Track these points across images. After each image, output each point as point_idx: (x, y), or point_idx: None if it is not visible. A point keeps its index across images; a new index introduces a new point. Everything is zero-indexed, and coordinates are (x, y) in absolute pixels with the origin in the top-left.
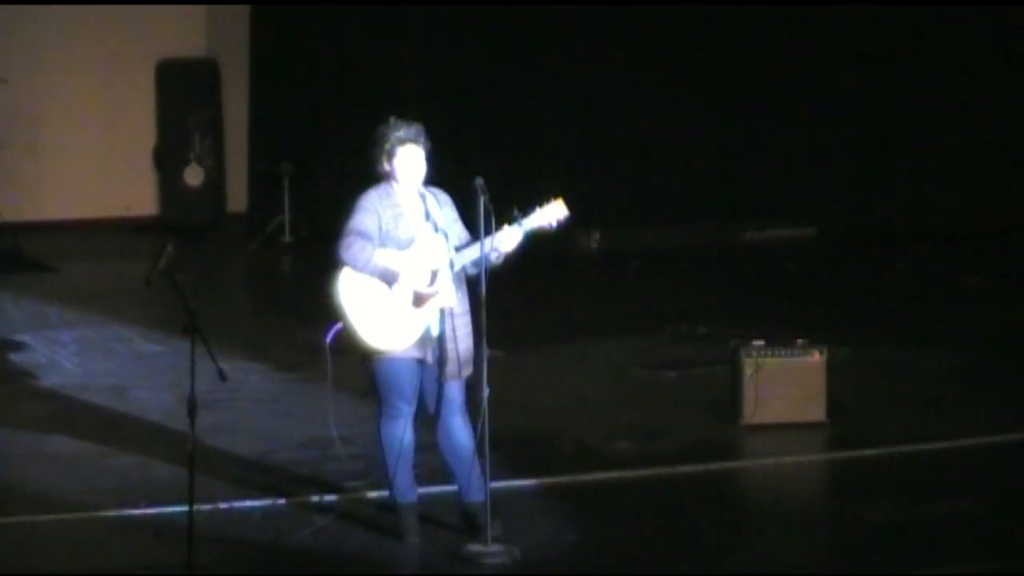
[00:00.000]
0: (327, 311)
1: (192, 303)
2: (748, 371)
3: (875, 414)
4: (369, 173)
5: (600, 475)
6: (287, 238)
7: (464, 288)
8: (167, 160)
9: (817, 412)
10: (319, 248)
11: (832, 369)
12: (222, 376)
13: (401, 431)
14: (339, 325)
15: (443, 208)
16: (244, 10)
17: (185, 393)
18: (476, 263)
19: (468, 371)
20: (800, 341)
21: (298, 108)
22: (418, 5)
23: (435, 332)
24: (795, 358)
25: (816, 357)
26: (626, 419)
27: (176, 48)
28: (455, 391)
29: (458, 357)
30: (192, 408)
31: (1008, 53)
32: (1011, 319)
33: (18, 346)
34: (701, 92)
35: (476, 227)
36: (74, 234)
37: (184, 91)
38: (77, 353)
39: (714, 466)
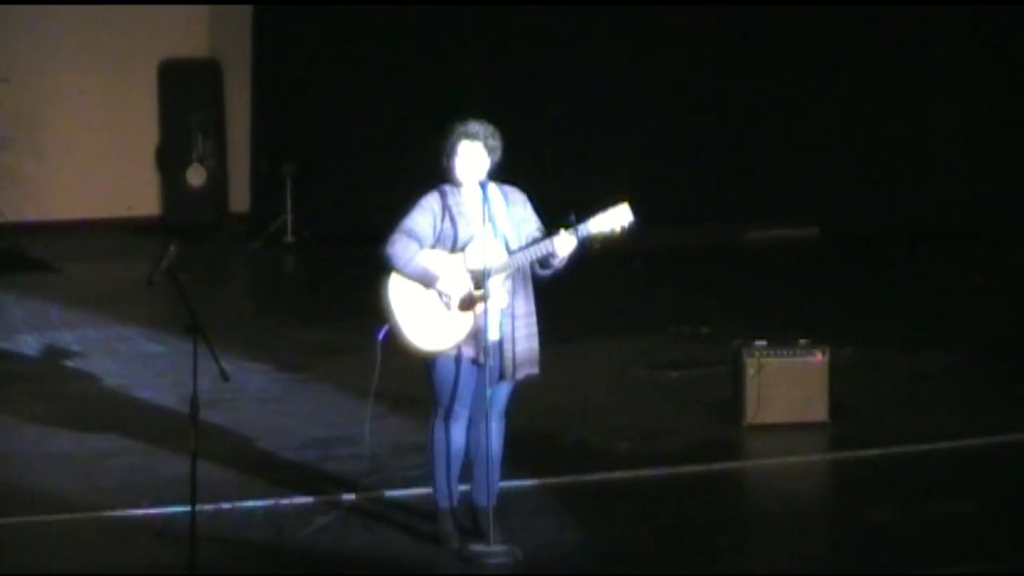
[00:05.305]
0: (329, 311)
1: (194, 303)
2: (750, 371)
3: (877, 414)
4: (369, 173)
5: (602, 475)
6: (289, 238)
7: (529, 288)
8: (169, 160)
9: (819, 412)
10: (321, 249)
11: (834, 369)
12: (224, 376)
13: (451, 434)
14: (388, 326)
15: (512, 207)
16: (246, 10)
17: (187, 393)
18: (544, 263)
19: (526, 372)
20: (802, 341)
21: (300, 108)
22: (420, 5)
23: (494, 334)
24: (797, 358)
25: (818, 357)
26: (628, 419)
27: (178, 48)
28: (501, 393)
29: (513, 358)
30: (194, 408)
31: (1010, 53)
32: (1012, 319)
33: (20, 346)
34: (704, 92)
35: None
36: (76, 234)
37: (186, 91)
38: (79, 353)
39: (716, 466)
